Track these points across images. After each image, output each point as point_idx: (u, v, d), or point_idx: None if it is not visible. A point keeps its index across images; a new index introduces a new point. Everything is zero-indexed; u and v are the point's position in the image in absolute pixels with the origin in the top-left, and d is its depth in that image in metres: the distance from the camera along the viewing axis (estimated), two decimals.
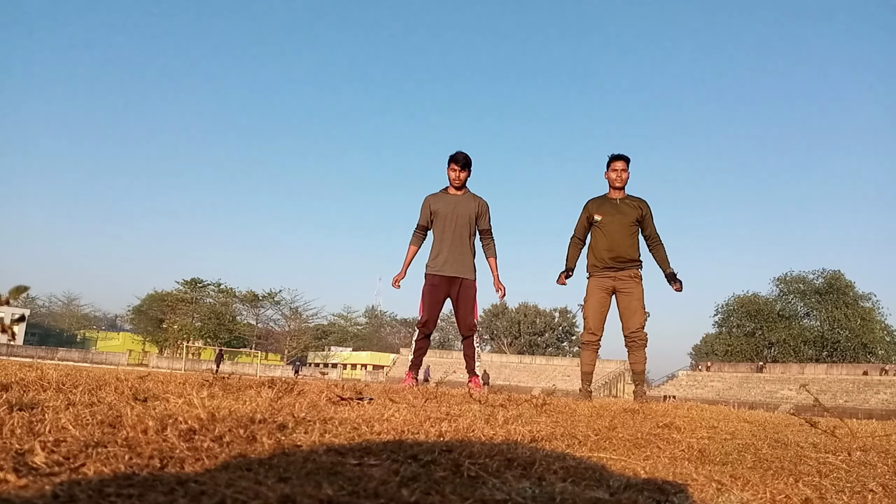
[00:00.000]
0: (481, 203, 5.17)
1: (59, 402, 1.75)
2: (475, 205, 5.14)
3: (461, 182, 5.08)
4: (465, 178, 5.09)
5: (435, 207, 5.12)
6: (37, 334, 71.56)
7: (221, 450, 1.25)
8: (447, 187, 5.17)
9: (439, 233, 5.12)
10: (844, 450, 2.04)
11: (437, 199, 5.15)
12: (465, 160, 5.03)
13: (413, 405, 2.61)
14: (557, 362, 57.97)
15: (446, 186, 5.17)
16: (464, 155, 5.05)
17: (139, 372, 3.72)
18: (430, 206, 5.15)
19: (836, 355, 56.06)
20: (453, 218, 5.07)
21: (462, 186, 5.13)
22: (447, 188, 5.17)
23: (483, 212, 5.16)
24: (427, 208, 5.17)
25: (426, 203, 5.19)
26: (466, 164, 5.05)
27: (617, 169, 5.05)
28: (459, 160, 5.02)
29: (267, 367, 51.56)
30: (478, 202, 5.16)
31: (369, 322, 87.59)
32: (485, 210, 5.17)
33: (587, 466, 1.51)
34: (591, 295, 5.12)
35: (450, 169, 5.07)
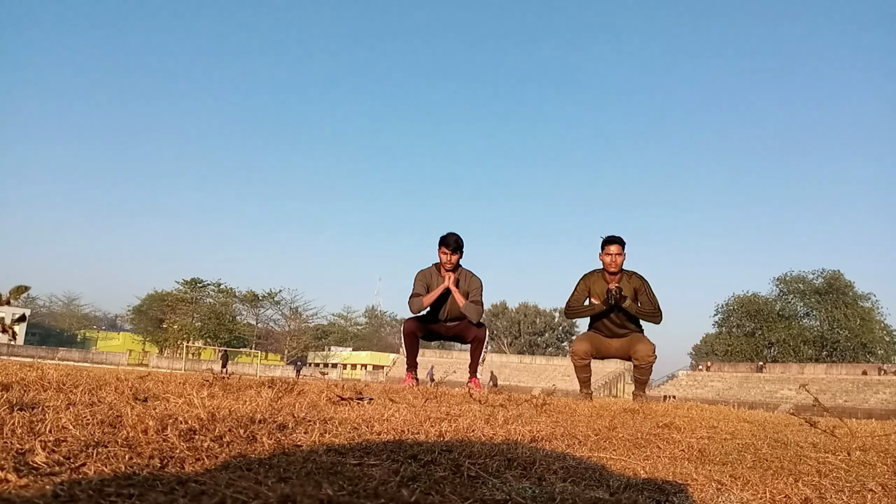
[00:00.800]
0: (473, 281, 5.05)
1: (60, 401, 1.76)
2: (465, 285, 5.04)
3: (453, 265, 4.96)
4: (456, 261, 4.96)
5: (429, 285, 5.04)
6: (37, 334, 71.54)
7: (221, 450, 1.25)
8: (439, 266, 5.04)
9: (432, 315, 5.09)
10: (844, 449, 2.04)
11: (430, 277, 5.04)
12: (455, 244, 4.89)
13: (413, 405, 2.61)
14: (557, 362, 57.93)
15: (438, 265, 5.05)
16: (455, 238, 4.91)
17: (139, 372, 3.72)
18: (424, 283, 5.04)
19: (836, 355, 56.06)
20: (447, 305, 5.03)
21: (455, 268, 5.00)
22: (439, 268, 5.04)
23: (474, 288, 5.04)
24: (423, 282, 5.05)
25: (419, 279, 5.06)
26: (458, 248, 4.92)
27: (611, 253, 4.95)
28: (450, 244, 4.88)
29: (267, 367, 51.55)
30: (468, 282, 5.05)
31: (369, 322, 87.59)
32: (476, 287, 5.05)
33: (587, 466, 1.51)
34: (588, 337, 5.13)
35: (440, 252, 4.94)
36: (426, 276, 5.07)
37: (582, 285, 5.13)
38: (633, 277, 5.01)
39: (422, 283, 5.04)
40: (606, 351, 5.14)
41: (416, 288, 5.04)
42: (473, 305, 5.00)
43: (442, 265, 4.99)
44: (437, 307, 5.05)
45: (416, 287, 5.05)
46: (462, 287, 5.03)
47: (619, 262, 4.97)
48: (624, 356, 5.10)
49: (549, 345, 77.77)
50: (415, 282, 5.07)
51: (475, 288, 5.04)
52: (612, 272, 4.99)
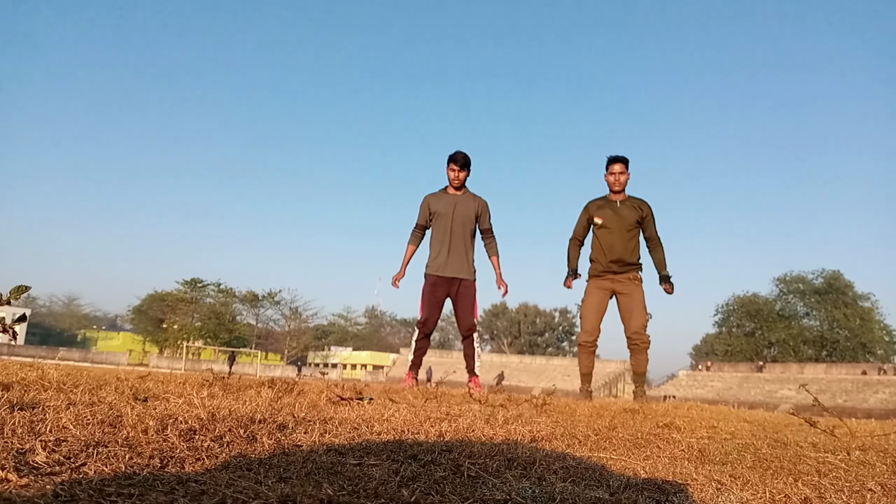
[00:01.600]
0: (481, 202, 5.16)
1: (60, 401, 1.76)
2: (475, 204, 5.12)
3: (461, 182, 5.07)
4: (464, 178, 5.08)
5: (434, 207, 5.11)
6: (38, 334, 71.55)
7: (221, 449, 1.25)
8: (446, 187, 5.15)
9: (439, 233, 5.11)
10: (843, 449, 2.05)
11: (437, 198, 5.13)
12: (464, 160, 5.02)
13: (413, 405, 2.61)
14: (557, 362, 57.95)
15: (445, 186, 5.16)
16: (463, 155, 5.03)
17: (139, 372, 3.73)
18: (429, 205, 5.14)
19: (836, 355, 56.07)
20: (453, 218, 5.06)
21: (461, 186, 5.11)
22: (446, 188, 5.15)
23: (483, 211, 5.15)
24: (426, 208, 5.15)
25: (425, 203, 5.17)
26: (466, 164, 5.03)
27: (615, 172, 5.01)
28: (458, 160, 5.00)
29: (267, 367, 51.54)
30: (477, 202, 5.14)
31: (369, 322, 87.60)
32: (485, 209, 5.16)
33: (587, 466, 1.51)
34: (590, 295, 5.11)
35: (449, 169, 5.05)
36: (432, 199, 5.16)
37: (582, 216, 5.20)
38: (642, 204, 5.07)
39: (425, 208, 5.16)
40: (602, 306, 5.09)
41: (419, 217, 5.19)
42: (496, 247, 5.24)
43: (450, 182, 5.09)
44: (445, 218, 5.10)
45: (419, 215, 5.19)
46: (473, 207, 5.11)
47: (623, 181, 5.04)
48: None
49: (549, 345, 77.78)
50: (420, 207, 5.20)
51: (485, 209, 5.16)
52: (616, 191, 5.05)
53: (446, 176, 5.10)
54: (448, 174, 5.08)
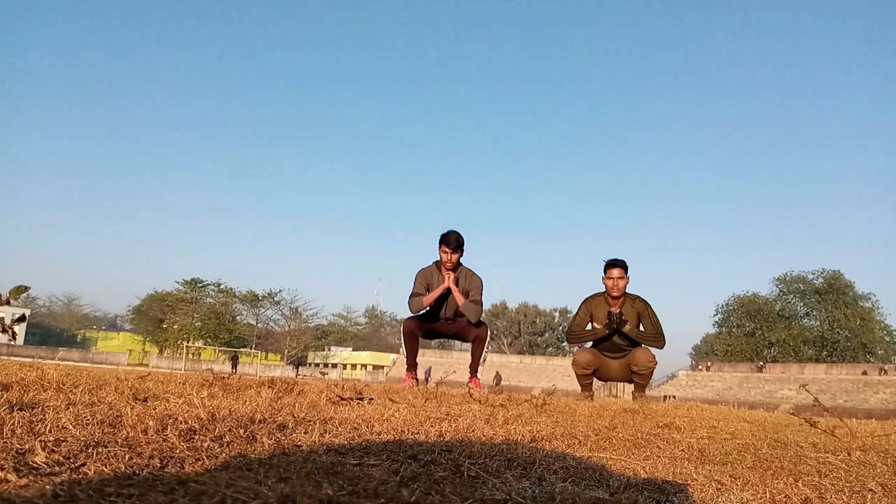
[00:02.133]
0: (473, 280, 5.04)
1: (60, 401, 1.75)
2: (466, 282, 5.03)
3: (453, 264, 4.95)
4: (457, 260, 4.96)
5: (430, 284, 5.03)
6: (37, 334, 71.53)
7: (221, 450, 1.25)
8: (440, 264, 5.03)
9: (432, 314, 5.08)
10: (844, 449, 2.04)
11: (430, 276, 5.04)
12: (456, 242, 4.88)
13: (413, 405, 2.61)
14: (557, 362, 57.94)
15: (438, 263, 5.04)
16: (455, 237, 4.90)
17: (139, 372, 3.72)
18: (424, 282, 5.04)
19: (836, 355, 56.05)
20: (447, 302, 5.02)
21: (455, 267, 5.00)
22: (439, 266, 5.04)
23: (474, 287, 5.04)
24: (422, 283, 5.04)
25: (419, 278, 5.05)
26: (458, 247, 4.91)
27: (613, 276, 4.93)
28: (451, 243, 4.87)
29: (267, 367, 51.54)
30: (469, 280, 5.04)
31: (369, 322, 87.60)
32: (476, 286, 5.04)
33: (587, 466, 1.51)
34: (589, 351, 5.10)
35: (441, 251, 4.93)
36: (426, 274, 5.06)
37: (583, 310, 5.11)
38: (636, 302, 4.98)
39: (422, 282, 5.03)
40: (608, 372, 5.10)
41: (416, 287, 5.03)
42: (473, 305, 4.99)
43: (442, 264, 4.98)
44: (438, 306, 5.05)
45: (415, 286, 5.04)
46: (462, 286, 5.02)
47: (622, 286, 4.93)
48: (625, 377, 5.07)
49: (549, 345, 77.77)
50: (415, 281, 5.06)
51: (475, 287, 5.03)
52: (615, 296, 4.96)
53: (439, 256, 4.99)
54: (440, 255, 4.96)
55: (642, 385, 5.08)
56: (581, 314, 5.11)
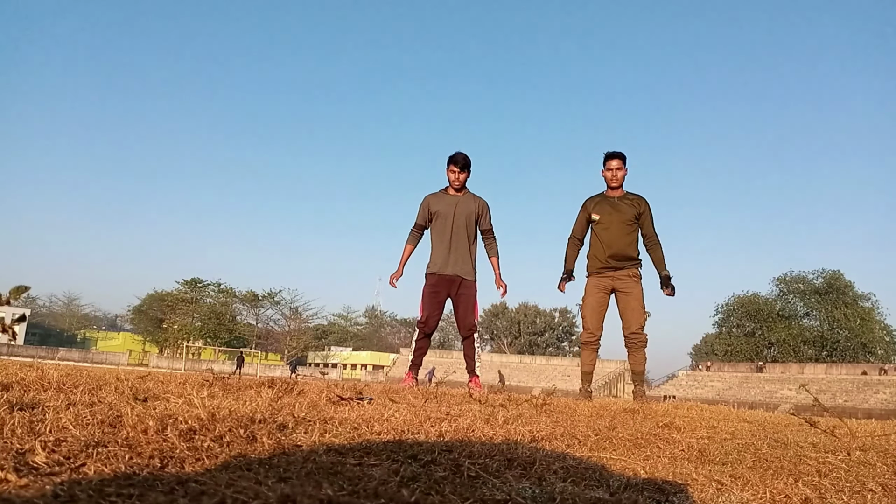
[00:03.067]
0: (482, 203, 5.17)
1: (60, 401, 1.76)
2: (475, 205, 5.13)
3: (461, 183, 5.08)
4: (464, 180, 5.09)
5: (435, 208, 5.11)
6: (37, 334, 71.51)
7: (221, 450, 1.25)
8: (447, 188, 5.16)
9: (439, 233, 5.11)
10: (844, 449, 2.04)
11: (437, 199, 5.14)
12: (464, 161, 5.02)
13: (413, 405, 2.61)
14: (557, 362, 57.94)
15: (446, 187, 5.17)
16: (463, 156, 5.04)
17: (139, 372, 3.72)
18: (429, 206, 5.15)
19: (836, 355, 56.02)
20: (453, 219, 5.07)
21: (462, 188, 5.13)
22: (447, 189, 5.16)
23: (484, 212, 5.16)
24: (426, 208, 5.16)
25: (425, 203, 5.18)
26: (466, 166, 5.04)
27: (612, 168, 4.99)
28: (459, 161, 5.01)
29: (267, 367, 51.55)
30: (478, 203, 5.15)
31: (369, 322, 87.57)
32: (485, 210, 5.17)
33: (587, 466, 1.51)
34: (590, 294, 5.10)
35: (449, 170, 5.06)
36: (432, 199, 5.16)
37: (581, 215, 5.17)
38: (639, 200, 5.04)
39: (424, 208, 5.17)
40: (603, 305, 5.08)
41: (417, 216, 5.20)
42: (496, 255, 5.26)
43: (450, 183, 5.10)
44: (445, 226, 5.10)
45: (418, 215, 5.20)
46: (471, 207, 5.11)
47: (620, 177, 5.01)
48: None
49: (549, 345, 77.74)
50: (419, 207, 5.20)
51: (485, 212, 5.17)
52: (614, 187, 5.03)
53: (447, 177, 5.11)
54: (448, 175, 5.09)
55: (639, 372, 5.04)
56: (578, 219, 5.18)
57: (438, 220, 5.11)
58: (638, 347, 4.97)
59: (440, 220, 5.10)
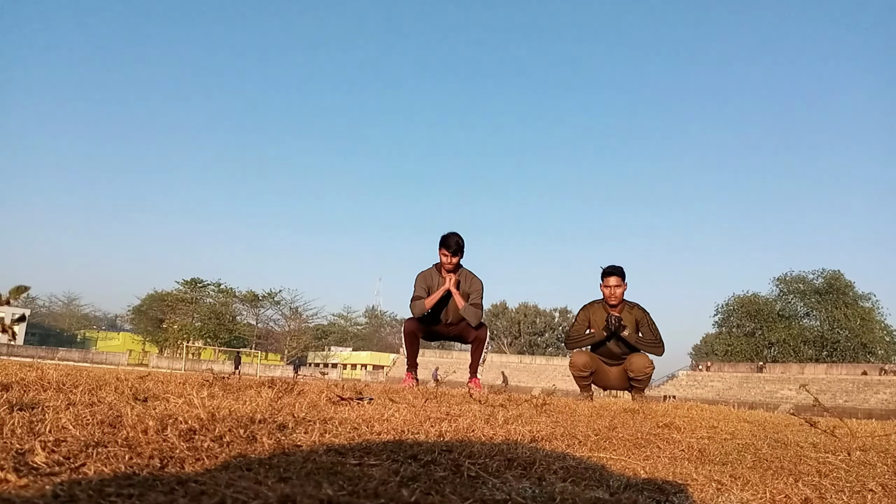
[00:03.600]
0: (474, 283, 5.04)
1: (60, 401, 1.75)
2: (467, 285, 5.03)
3: (453, 266, 4.95)
4: (457, 263, 4.95)
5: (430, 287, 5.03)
6: (37, 334, 71.53)
7: (221, 450, 1.25)
8: (439, 266, 5.03)
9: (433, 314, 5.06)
10: (844, 449, 2.04)
11: (431, 279, 5.04)
12: (456, 245, 4.87)
13: (413, 405, 2.61)
14: (557, 362, 57.92)
15: (438, 264, 5.04)
16: (455, 240, 4.88)
17: (139, 372, 3.72)
18: (425, 284, 5.03)
19: (836, 355, 56.01)
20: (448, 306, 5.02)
21: (455, 269, 4.99)
22: (439, 267, 5.04)
23: (475, 290, 5.03)
24: (423, 284, 5.04)
25: (419, 281, 5.04)
26: (458, 250, 4.89)
27: (610, 285, 4.95)
28: (451, 246, 4.86)
29: (267, 367, 51.54)
30: (470, 283, 5.03)
31: (369, 322, 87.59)
32: (476, 289, 5.03)
33: (587, 466, 1.51)
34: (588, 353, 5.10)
35: (441, 253, 4.92)
36: (426, 277, 5.06)
37: (582, 316, 5.13)
38: (634, 309, 5.00)
39: (422, 285, 5.03)
40: (605, 378, 5.11)
41: (417, 290, 5.03)
42: (473, 308, 4.98)
43: (442, 266, 4.97)
44: (439, 309, 5.04)
45: (416, 290, 5.04)
46: (462, 288, 5.01)
47: (619, 294, 4.96)
48: (623, 385, 5.07)
49: (549, 345, 77.73)
50: (415, 284, 5.06)
51: (476, 290, 5.02)
52: (613, 304, 4.98)
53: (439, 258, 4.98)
54: (440, 258, 4.96)
55: (640, 388, 5.09)
56: (580, 320, 5.13)
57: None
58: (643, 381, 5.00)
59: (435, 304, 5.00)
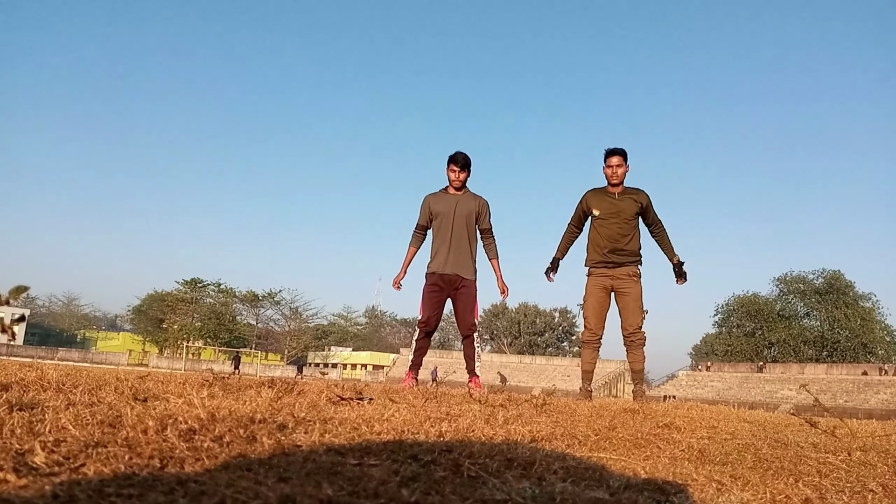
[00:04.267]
0: (482, 203, 5.17)
1: (60, 402, 1.75)
2: (475, 204, 5.14)
3: (461, 183, 5.09)
4: (464, 179, 5.10)
5: (435, 208, 5.12)
6: (37, 334, 71.53)
7: (221, 450, 1.25)
8: (447, 187, 5.18)
9: (440, 233, 5.12)
10: (844, 450, 2.04)
11: (437, 199, 5.15)
12: (464, 160, 5.04)
13: (413, 405, 2.61)
14: (557, 362, 57.94)
15: (446, 186, 5.18)
16: (463, 155, 5.05)
17: (139, 372, 3.73)
18: (429, 205, 5.16)
19: (836, 355, 56.00)
20: (453, 218, 5.07)
21: (462, 187, 5.14)
22: (447, 188, 5.18)
23: (483, 211, 5.17)
24: (427, 208, 5.17)
25: (426, 203, 5.19)
26: (466, 165, 5.05)
27: (612, 165, 4.97)
28: (459, 160, 5.02)
29: (267, 367, 51.55)
30: (478, 202, 5.16)
31: (369, 322, 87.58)
32: (485, 209, 5.18)
33: (587, 466, 1.51)
34: (591, 294, 5.10)
35: (449, 170, 5.07)
36: (434, 198, 5.17)
37: (579, 207, 5.17)
38: (640, 193, 5.05)
39: (425, 209, 5.18)
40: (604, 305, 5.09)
41: (420, 217, 5.20)
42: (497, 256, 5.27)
43: (450, 183, 5.11)
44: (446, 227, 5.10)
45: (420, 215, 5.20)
46: (470, 207, 5.11)
47: (621, 174, 5.00)
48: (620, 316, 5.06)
49: (549, 345, 77.73)
50: (420, 208, 5.21)
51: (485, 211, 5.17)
52: (614, 183, 5.03)
53: (447, 177, 5.12)
54: (448, 175, 5.10)
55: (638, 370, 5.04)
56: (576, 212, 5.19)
57: (438, 219, 5.12)
58: (636, 346, 4.97)
59: (440, 219, 5.11)
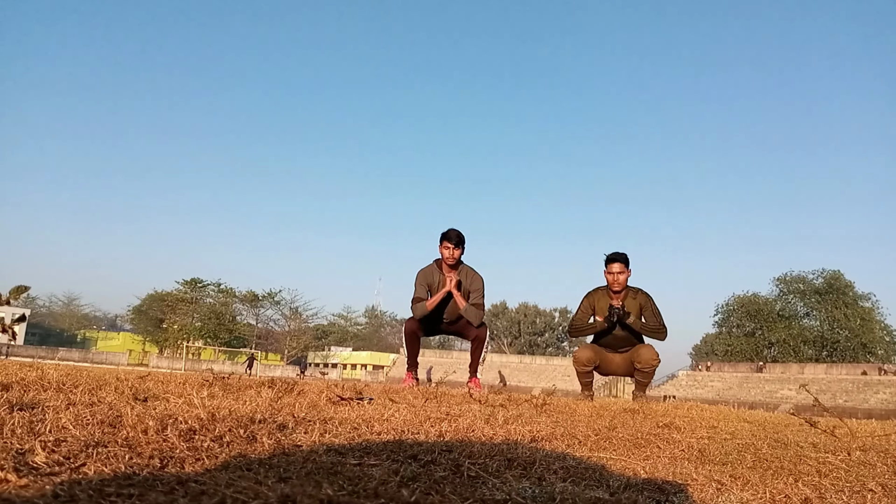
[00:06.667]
0: (475, 280, 5.05)
1: (60, 401, 1.76)
2: (468, 282, 5.04)
3: (455, 260, 4.97)
4: (458, 256, 4.97)
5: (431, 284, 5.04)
6: (37, 334, 71.53)
7: (221, 450, 1.25)
8: (440, 262, 5.05)
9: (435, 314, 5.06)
10: (844, 449, 2.04)
11: (431, 276, 5.05)
12: (457, 238, 4.91)
13: (413, 405, 2.61)
14: (557, 362, 57.91)
15: (439, 260, 5.06)
16: (456, 233, 4.92)
17: (139, 372, 3.73)
18: (425, 283, 5.04)
19: (836, 355, 56.01)
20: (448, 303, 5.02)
21: (456, 264, 5.01)
22: (440, 263, 5.05)
23: (476, 288, 5.04)
24: (423, 285, 5.04)
25: (421, 278, 5.06)
26: (460, 243, 4.93)
27: (613, 272, 4.95)
28: (452, 238, 4.90)
29: (267, 367, 51.55)
30: (471, 279, 5.05)
31: (369, 322, 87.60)
32: (478, 286, 5.05)
33: (587, 466, 1.51)
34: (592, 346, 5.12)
35: (443, 247, 4.95)
36: (427, 274, 5.07)
37: (585, 303, 5.12)
38: (638, 294, 5.00)
39: (423, 284, 5.04)
40: (609, 366, 5.12)
41: (418, 290, 5.03)
42: (474, 309, 4.99)
43: (444, 260, 4.99)
44: (440, 309, 5.04)
45: (417, 289, 5.04)
46: (464, 286, 5.02)
47: (622, 281, 4.95)
48: (627, 371, 5.08)
49: (549, 345, 77.78)
50: (416, 283, 5.06)
51: (476, 289, 5.03)
52: (616, 290, 4.98)
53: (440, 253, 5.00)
54: (442, 252, 4.97)
55: (643, 383, 5.09)
56: (583, 308, 5.13)
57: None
58: (648, 374, 5.00)
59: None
